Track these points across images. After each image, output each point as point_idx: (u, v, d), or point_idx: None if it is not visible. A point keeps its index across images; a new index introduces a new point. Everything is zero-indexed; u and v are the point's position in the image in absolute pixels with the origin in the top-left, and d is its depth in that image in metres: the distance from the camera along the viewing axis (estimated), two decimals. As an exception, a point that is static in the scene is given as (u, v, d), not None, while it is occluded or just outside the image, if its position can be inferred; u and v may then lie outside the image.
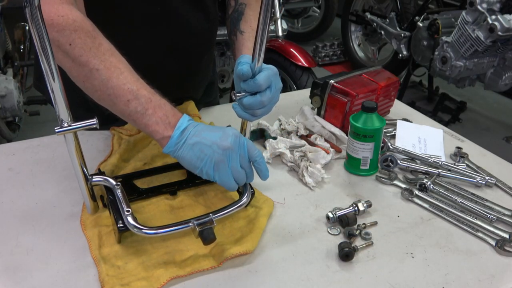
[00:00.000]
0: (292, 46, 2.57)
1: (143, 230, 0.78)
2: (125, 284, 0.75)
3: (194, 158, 0.82)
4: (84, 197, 0.87)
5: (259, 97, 0.87)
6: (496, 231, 0.91)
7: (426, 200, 0.99)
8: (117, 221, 0.81)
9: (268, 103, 0.90)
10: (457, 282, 0.80)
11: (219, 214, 0.83)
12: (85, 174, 0.84)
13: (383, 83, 1.24)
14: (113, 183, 0.87)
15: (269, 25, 0.81)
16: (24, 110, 2.79)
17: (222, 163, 0.83)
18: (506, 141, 3.26)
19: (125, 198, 0.84)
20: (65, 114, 0.74)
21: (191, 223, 0.79)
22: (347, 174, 1.09)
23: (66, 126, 0.75)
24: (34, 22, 0.65)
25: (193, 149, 0.82)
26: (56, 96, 0.72)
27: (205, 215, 0.81)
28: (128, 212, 0.80)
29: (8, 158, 1.09)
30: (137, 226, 0.78)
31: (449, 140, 1.24)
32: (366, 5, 4.15)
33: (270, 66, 0.90)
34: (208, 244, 0.79)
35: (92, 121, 0.76)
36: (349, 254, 0.82)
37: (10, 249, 0.83)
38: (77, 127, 0.76)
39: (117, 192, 0.85)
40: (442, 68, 2.96)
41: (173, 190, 0.97)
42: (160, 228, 0.80)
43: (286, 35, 2.81)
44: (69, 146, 0.79)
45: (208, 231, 0.78)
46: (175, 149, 0.82)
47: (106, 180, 0.88)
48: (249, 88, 0.87)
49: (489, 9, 2.64)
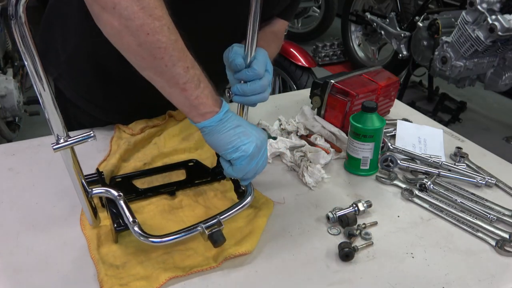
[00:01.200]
0: (292, 46, 2.57)
1: (149, 239, 0.78)
2: (124, 284, 0.75)
3: (234, 137, 0.82)
4: (85, 211, 0.83)
5: (260, 81, 0.87)
6: (496, 231, 0.91)
7: (426, 200, 0.99)
8: (114, 221, 0.81)
9: (268, 85, 0.89)
10: (457, 282, 0.80)
11: (226, 215, 0.83)
12: (85, 188, 0.80)
13: (383, 83, 1.24)
14: (115, 195, 0.84)
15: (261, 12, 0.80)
16: (24, 110, 2.79)
17: (257, 153, 0.83)
18: (506, 141, 3.26)
19: (129, 208, 0.82)
20: (60, 129, 0.71)
21: (199, 227, 0.79)
22: (347, 174, 1.09)
23: (62, 142, 0.72)
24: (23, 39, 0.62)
25: (235, 130, 0.82)
26: (50, 111, 0.70)
27: (212, 217, 0.81)
28: (134, 222, 0.79)
29: (8, 158, 1.09)
30: (143, 235, 0.78)
31: (449, 140, 1.24)
32: (366, 5, 4.15)
33: (259, 49, 0.88)
34: (218, 247, 0.78)
35: (89, 134, 0.74)
36: (349, 254, 0.82)
37: (10, 249, 0.83)
38: (74, 142, 0.73)
39: (120, 203, 0.83)
40: (442, 68, 2.96)
41: (172, 190, 0.97)
42: (166, 236, 0.78)
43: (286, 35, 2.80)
44: (66, 161, 0.76)
45: (217, 233, 0.78)
46: (217, 125, 0.81)
47: (108, 192, 0.85)
48: (247, 78, 0.86)
49: (489, 9, 2.64)
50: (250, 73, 0.85)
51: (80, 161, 0.81)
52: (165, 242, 0.78)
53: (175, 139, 1.11)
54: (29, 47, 0.64)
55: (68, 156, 0.75)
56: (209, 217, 0.81)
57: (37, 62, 0.65)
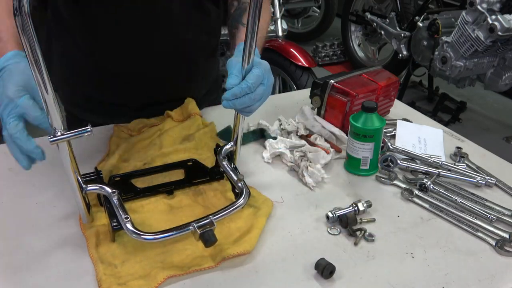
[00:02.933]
0: (292, 46, 2.57)
1: (142, 236, 0.78)
2: (122, 283, 0.75)
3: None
4: (79, 207, 0.85)
5: (251, 95, 0.86)
6: (496, 231, 0.91)
7: (426, 200, 0.99)
8: (111, 220, 0.81)
9: (260, 98, 0.88)
10: (457, 282, 0.80)
11: (219, 215, 0.83)
12: (80, 183, 0.82)
13: (383, 83, 1.24)
14: (109, 191, 0.85)
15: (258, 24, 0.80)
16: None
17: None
18: (506, 141, 3.26)
19: (122, 205, 0.83)
20: (58, 122, 0.72)
21: (191, 226, 0.79)
22: (347, 174, 1.09)
23: (59, 135, 0.73)
24: (25, 31, 0.63)
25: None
26: (49, 105, 0.71)
27: (204, 217, 0.81)
28: (126, 219, 0.79)
29: (8, 158, 1.07)
30: (136, 232, 0.78)
31: (449, 140, 1.24)
32: (366, 5, 4.15)
33: (262, 62, 0.89)
34: (209, 246, 0.78)
35: (86, 128, 0.75)
36: (333, 269, 0.79)
37: (10, 249, 0.83)
38: (70, 136, 0.74)
39: (113, 200, 0.84)
40: (442, 68, 2.96)
41: (170, 189, 0.97)
42: (159, 234, 0.79)
43: (286, 35, 2.81)
44: (62, 155, 0.77)
45: (209, 233, 0.78)
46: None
47: (102, 189, 0.86)
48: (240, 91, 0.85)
49: (489, 9, 2.64)
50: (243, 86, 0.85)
51: (79, 161, 0.81)
52: (157, 240, 0.79)
53: (175, 139, 1.11)
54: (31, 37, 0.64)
55: (65, 150, 0.76)
56: (202, 217, 0.81)
57: (38, 53, 0.66)
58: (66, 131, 0.74)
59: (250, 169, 1.07)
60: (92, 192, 0.86)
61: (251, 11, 0.78)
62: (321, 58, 4.49)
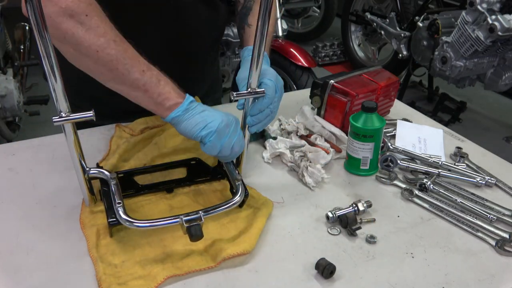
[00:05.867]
0: (292, 46, 2.57)
1: (134, 223, 0.80)
2: (122, 283, 0.75)
3: (200, 119, 0.87)
4: (82, 189, 0.89)
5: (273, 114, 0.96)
6: (496, 231, 0.91)
7: (426, 200, 0.99)
8: (108, 215, 0.82)
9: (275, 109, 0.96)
10: (457, 282, 0.80)
11: (209, 212, 0.84)
12: (83, 166, 0.86)
13: (383, 83, 1.24)
14: (108, 175, 0.89)
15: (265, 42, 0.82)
16: (24, 110, 2.80)
17: (224, 129, 0.87)
18: (506, 141, 3.26)
19: (119, 192, 0.86)
20: (64, 106, 0.76)
21: (179, 218, 0.80)
22: (347, 174, 1.09)
23: (64, 116, 0.77)
24: (35, 17, 0.65)
25: (201, 114, 0.88)
26: (57, 92, 0.74)
27: (194, 212, 0.82)
28: (119, 204, 0.82)
29: (8, 158, 1.09)
30: (128, 220, 0.80)
31: (449, 140, 1.24)
32: (366, 5, 4.15)
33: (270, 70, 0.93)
34: (195, 241, 0.79)
35: (89, 113, 0.78)
36: (333, 269, 0.79)
37: (10, 249, 0.83)
38: (74, 118, 0.78)
39: (111, 184, 0.87)
40: (442, 68, 2.96)
41: (170, 187, 0.97)
42: (149, 222, 0.81)
43: (286, 35, 2.81)
44: (68, 138, 0.81)
45: (196, 227, 0.79)
46: (184, 114, 0.87)
47: (102, 173, 0.90)
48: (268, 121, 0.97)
49: (489, 9, 2.64)
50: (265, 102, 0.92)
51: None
52: (147, 227, 0.81)
53: (176, 139, 1.11)
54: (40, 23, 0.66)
55: (70, 132, 0.80)
56: (192, 211, 0.82)
57: (48, 43, 0.68)
58: (70, 113, 0.77)
59: (250, 169, 1.07)
60: (94, 177, 0.90)
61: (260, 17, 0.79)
62: (321, 58, 4.50)
